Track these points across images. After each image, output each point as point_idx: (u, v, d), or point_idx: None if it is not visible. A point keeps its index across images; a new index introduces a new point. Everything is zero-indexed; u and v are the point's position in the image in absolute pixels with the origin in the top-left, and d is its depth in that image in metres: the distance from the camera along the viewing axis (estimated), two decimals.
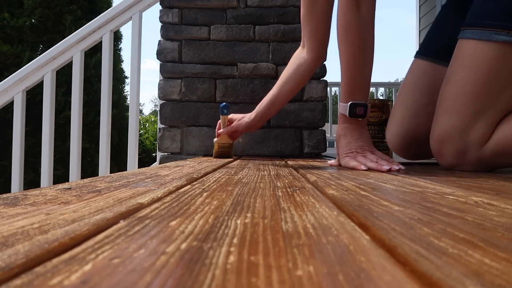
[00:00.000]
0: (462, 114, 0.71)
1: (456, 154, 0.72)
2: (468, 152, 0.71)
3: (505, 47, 0.67)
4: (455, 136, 0.71)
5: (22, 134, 1.60)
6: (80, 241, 0.17)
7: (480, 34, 0.69)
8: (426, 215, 0.24)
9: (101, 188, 0.35)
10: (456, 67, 0.74)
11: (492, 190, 0.38)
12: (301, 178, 0.51)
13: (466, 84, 0.71)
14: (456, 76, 0.73)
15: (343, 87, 0.76)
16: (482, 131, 0.70)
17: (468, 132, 0.70)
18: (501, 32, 0.67)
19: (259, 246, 0.17)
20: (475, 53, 0.70)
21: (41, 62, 1.56)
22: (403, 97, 0.96)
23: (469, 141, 0.70)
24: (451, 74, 0.74)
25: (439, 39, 0.96)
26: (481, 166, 0.72)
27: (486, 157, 0.70)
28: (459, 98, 0.72)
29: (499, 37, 0.67)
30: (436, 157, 0.77)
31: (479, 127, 0.70)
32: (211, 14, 1.39)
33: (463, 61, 0.72)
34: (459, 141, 0.71)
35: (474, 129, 0.70)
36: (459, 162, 0.72)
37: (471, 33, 0.71)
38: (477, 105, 0.70)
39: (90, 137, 3.39)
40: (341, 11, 0.73)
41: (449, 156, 0.73)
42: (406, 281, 0.13)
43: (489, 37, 0.68)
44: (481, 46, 0.69)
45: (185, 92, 1.36)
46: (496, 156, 0.70)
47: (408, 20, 47.29)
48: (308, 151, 1.35)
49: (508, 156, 0.69)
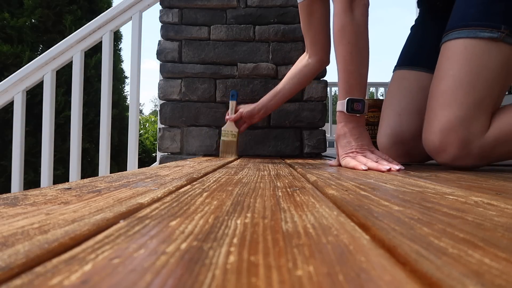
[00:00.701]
0: (464, 104, 0.74)
1: (460, 144, 0.73)
2: (472, 143, 0.73)
3: (491, 43, 0.74)
4: (458, 126, 0.73)
5: (22, 134, 1.60)
6: (80, 241, 0.17)
7: (466, 33, 0.76)
8: (426, 215, 0.24)
9: (101, 188, 0.35)
10: (449, 63, 0.78)
11: (492, 190, 0.38)
12: (301, 178, 0.51)
13: (462, 76, 0.75)
14: (450, 71, 0.77)
15: (341, 86, 0.77)
16: (483, 120, 0.73)
17: (471, 122, 0.73)
18: (485, 30, 0.74)
19: (259, 246, 0.17)
20: (465, 49, 0.76)
21: (41, 62, 1.56)
22: (388, 101, 1.04)
23: (472, 130, 0.73)
24: (444, 71, 0.78)
25: (411, 52, 1.08)
26: (482, 157, 0.74)
27: (488, 145, 0.73)
28: (459, 90, 0.75)
29: (484, 34, 0.74)
30: (437, 153, 0.77)
31: (480, 116, 0.73)
32: (211, 14, 1.39)
33: (455, 56, 0.77)
34: (463, 131, 0.73)
35: (476, 119, 0.73)
36: (462, 154, 0.73)
37: (458, 33, 0.78)
38: (475, 95, 0.74)
39: (90, 137, 3.39)
40: (336, 15, 0.77)
41: (453, 148, 0.74)
42: (406, 281, 0.13)
43: (475, 34, 0.75)
44: (470, 42, 0.76)
45: (185, 92, 1.36)
46: (497, 143, 0.73)
47: (408, 20, 47.40)
48: (308, 151, 1.35)
49: (508, 143, 0.73)
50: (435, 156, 0.78)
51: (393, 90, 1.05)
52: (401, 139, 0.96)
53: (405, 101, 0.99)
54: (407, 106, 0.98)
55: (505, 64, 0.75)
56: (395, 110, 1.00)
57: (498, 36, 0.73)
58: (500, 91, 0.76)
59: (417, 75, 1.00)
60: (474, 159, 0.74)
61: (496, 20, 0.74)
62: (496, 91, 0.75)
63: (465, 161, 0.74)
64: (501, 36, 0.73)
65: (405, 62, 1.07)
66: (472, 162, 0.74)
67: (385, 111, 1.03)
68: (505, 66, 0.75)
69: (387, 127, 1.00)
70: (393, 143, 0.98)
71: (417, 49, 1.05)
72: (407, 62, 1.06)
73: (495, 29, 0.74)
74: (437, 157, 0.78)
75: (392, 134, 0.98)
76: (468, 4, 0.79)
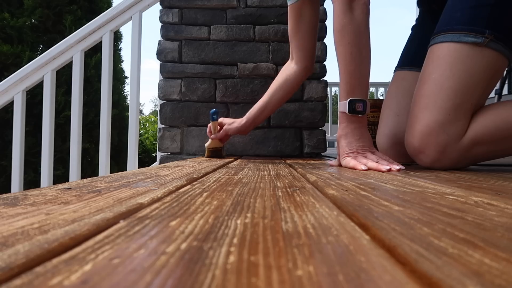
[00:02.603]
0: (443, 109, 0.74)
1: (439, 148, 0.74)
2: (450, 146, 0.74)
3: (474, 47, 0.74)
4: (437, 130, 0.74)
5: (22, 134, 1.60)
6: (80, 241, 0.17)
7: (451, 37, 0.77)
8: (426, 215, 0.24)
9: (101, 188, 0.35)
10: (432, 67, 0.79)
11: (492, 190, 0.38)
12: (301, 178, 0.51)
13: (444, 80, 0.76)
14: (432, 74, 0.78)
15: (342, 86, 0.77)
16: (461, 124, 0.74)
17: (450, 126, 0.74)
18: (469, 34, 0.75)
19: (259, 246, 0.17)
20: (449, 53, 0.76)
21: (41, 62, 1.56)
22: (387, 102, 1.04)
23: (451, 134, 0.74)
24: (427, 74, 0.79)
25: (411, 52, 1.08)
26: (460, 160, 0.75)
27: (464, 148, 0.74)
28: (439, 94, 0.76)
29: (467, 38, 0.75)
30: (416, 155, 0.78)
31: (459, 120, 0.74)
32: (211, 14, 1.39)
33: (438, 61, 0.78)
34: (441, 134, 0.74)
35: (455, 123, 0.74)
36: (440, 157, 0.74)
37: (443, 37, 0.78)
38: (456, 100, 0.74)
39: (90, 137, 3.39)
40: (336, 15, 0.77)
41: (431, 150, 0.75)
42: (406, 281, 0.13)
43: (459, 38, 0.76)
44: (453, 46, 0.76)
45: (185, 92, 1.36)
46: (474, 145, 0.73)
47: (408, 20, 47.36)
48: (308, 151, 1.35)
49: (485, 144, 0.74)
50: (415, 158, 0.79)
51: (392, 91, 1.05)
52: (400, 139, 0.96)
53: (404, 102, 0.99)
54: (406, 106, 0.97)
55: (488, 69, 0.75)
56: (393, 111, 1.00)
57: (482, 41, 0.73)
58: (481, 95, 0.76)
59: (416, 76, 1.00)
60: (452, 162, 0.75)
61: (480, 25, 0.74)
62: (477, 94, 0.75)
63: (443, 163, 0.75)
64: (485, 41, 0.73)
65: (405, 63, 1.07)
66: (451, 164, 0.75)
67: (384, 112, 1.04)
68: (487, 71, 0.75)
69: (386, 128, 1.00)
70: (391, 144, 0.98)
71: (416, 49, 1.05)
72: (407, 63, 1.06)
73: (479, 34, 0.74)
74: (416, 159, 0.79)
75: (391, 134, 0.99)
76: (455, 8, 0.80)
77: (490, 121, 0.74)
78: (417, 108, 0.78)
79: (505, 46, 0.75)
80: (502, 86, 2.37)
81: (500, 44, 0.74)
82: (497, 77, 0.79)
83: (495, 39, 0.73)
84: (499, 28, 0.74)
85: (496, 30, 0.73)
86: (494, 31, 0.73)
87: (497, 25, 0.74)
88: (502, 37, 0.74)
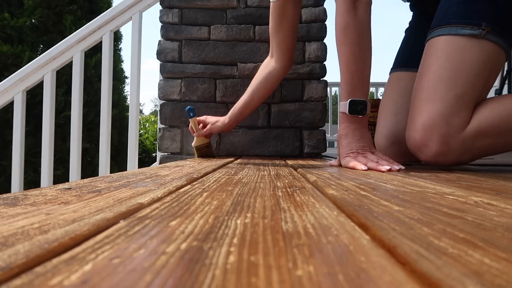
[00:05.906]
0: (445, 100, 0.74)
1: (442, 139, 0.73)
2: (453, 138, 0.73)
3: (472, 39, 0.75)
4: (440, 121, 0.74)
5: (22, 134, 1.60)
6: (80, 241, 0.17)
7: (448, 30, 0.77)
8: (426, 215, 0.24)
9: (101, 188, 0.35)
10: (430, 60, 0.79)
11: (492, 190, 0.38)
12: (301, 178, 0.51)
13: (443, 71, 0.76)
14: (431, 66, 0.78)
15: (343, 86, 0.77)
16: (464, 115, 0.74)
17: (452, 117, 0.73)
18: (465, 27, 0.75)
19: (259, 246, 0.17)
20: (446, 45, 0.77)
21: (41, 62, 1.56)
22: (384, 102, 1.05)
23: (453, 125, 0.73)
24: (426, 67, 0.79)
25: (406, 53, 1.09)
26: (464, 153, 0.74)
27: (468, 139, 0.73)
28: (439, 85, 0.75)
29: (464, 31, 0.75)
30: (419, 149, 0.77)
31: (461, 111, 0.73)
32: (211, 14, 1.39)
33: (437, 53, 0.78)
34: (444, 126, 0.73)
35: (457, 113, 0.73)
36: (444, 150, 0.73)
37: (440, 31, 0.78)
38: (457, 90, 0.74)
39: (90, 137, 3.39)
40: (339, 14, 0.76)
41: (434, 142, 0.74)
42: (406, 281, 0.13)
43: (456, 31, 0.76)
44: (451, 39, 0.76)
45: (185, 92, 1.36)
46: (477, 136, 0.73)
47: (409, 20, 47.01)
48: (308, 151, 1.35)
49: (488, 136, 0.73)
50: (417, 153, 0.78)
51: (389, 91, 1.06)
52: (398, 139, 0.96)
53: (401, 101, 0.99)
54: (403, 106, 0.98)
55: (487, 60, 0.75)
56: (391, 111, 1.00)
57: (479, 33, 0.74)
58: (482, 86, 0.76)
59: (412, 76, 1.00)
60: (456, 155, 0.73)
61: (476, 18, 0.74)
62: (478, 86, 0.75)
63: (447, 157, 0.74)
64: (482, 33, 0.73)
65: (401, 64, 1.07)
66: (454, 158, 0.74)
67: (382, 112, 1.04)
68: (487, 62, 0.75)
69: (384, 128, 1.00)
70: (390, 143, 0.98)
71: (411, 50, 1.06)
72: (402, 64, 1.07)
73: (476, 27, 0.74)
74: (419, 154, 0.77)
75: (389, 134, 0.99)
76: (450, 2, 0.80)
77: (494, 112, 0.74)
78: (418, 101, 0.78)
79: (502, 39, 0.75)
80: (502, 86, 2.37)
81: (497, 37, 0.74)
82: (497, 70, 0.79)
83: (492, 31, 0.74)
84: (495, 21, 0.74)
85: (492, 22, 0.74)
86: (490, 23, 0.73)
87: (493, 18, 0.74)
88: (499, 29, 0.74)
